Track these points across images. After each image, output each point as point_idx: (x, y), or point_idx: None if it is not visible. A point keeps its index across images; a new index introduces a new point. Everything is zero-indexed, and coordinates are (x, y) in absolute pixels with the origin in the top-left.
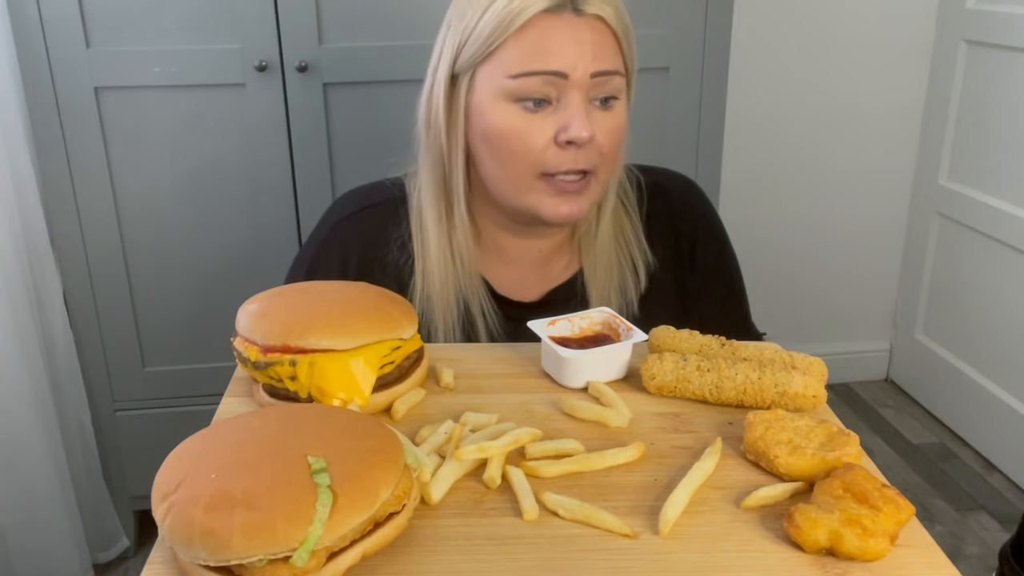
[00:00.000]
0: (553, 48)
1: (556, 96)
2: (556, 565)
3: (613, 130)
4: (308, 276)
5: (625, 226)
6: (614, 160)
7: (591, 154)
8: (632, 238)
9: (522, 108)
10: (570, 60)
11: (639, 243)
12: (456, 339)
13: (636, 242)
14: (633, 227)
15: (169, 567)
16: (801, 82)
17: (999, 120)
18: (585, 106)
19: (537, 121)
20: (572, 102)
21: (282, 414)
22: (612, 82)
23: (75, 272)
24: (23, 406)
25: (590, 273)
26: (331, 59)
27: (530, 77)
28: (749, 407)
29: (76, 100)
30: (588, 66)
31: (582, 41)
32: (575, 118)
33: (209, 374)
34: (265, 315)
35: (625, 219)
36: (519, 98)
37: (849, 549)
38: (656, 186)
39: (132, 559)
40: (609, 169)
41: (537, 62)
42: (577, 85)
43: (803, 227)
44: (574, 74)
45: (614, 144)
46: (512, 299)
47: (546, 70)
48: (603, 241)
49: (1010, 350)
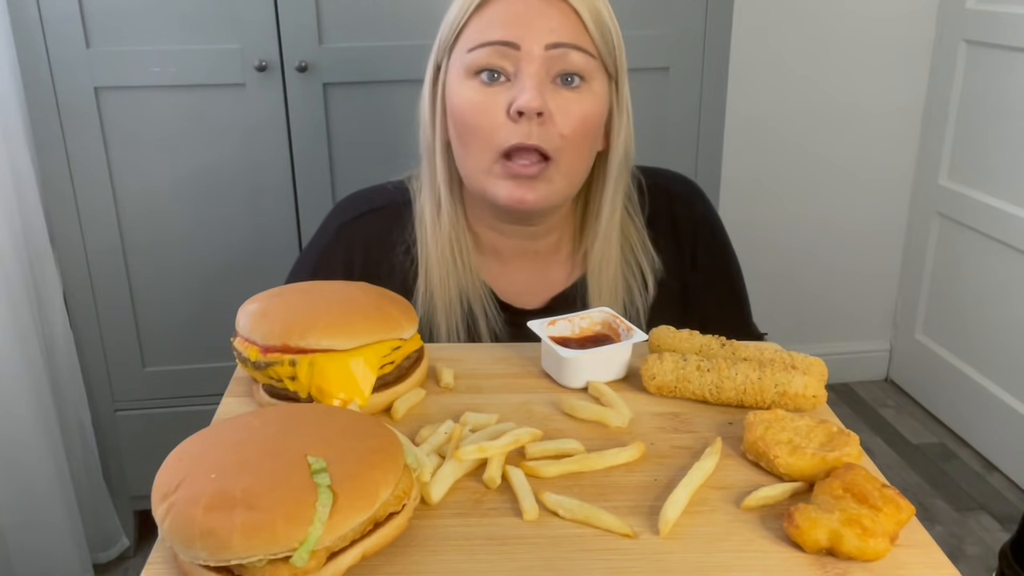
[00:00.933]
0: (507, 20)
1: (513, 71)
2: (556, 565)
3: (575, 113)
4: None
5: (632, 235)
6: (579, 148)
7: (548, 133)
8: (639, 247)
9: (479, 83)
10: (521, 30)
11: (646, 251)
12: (459, 336)
13: (643, 250)
14: (639, 234)
15: (169, 567)
16: (801, 82)
17: (999, 120)
18: (540, 80)
19: (492, 95)
20: (525, 73)
21: (282, 414)
22: (571, 57)
23: (75, 272)
24: (23, 406)
25: (594, 283)
26: (331, 59)
27: (483, 48)
28: (749, 407)
29: (76, 100)
30: (542, 37)
31: (538, 13)
32: (524, 89)
33: (209, 374)
34: (265, 315)
35: (631, 228)
36: (476, 71)
37: (849, 549)
38: (657, 188)
39: (132, 559)
40: (573, 158)
41: (491, 33)
42: (530, 57)
43: (803, 227)
44: (525, 44)
45: (576, 128)
46: (515, 306)
47: (496, 40)
48: (609, 252)
49: (1010, 350)
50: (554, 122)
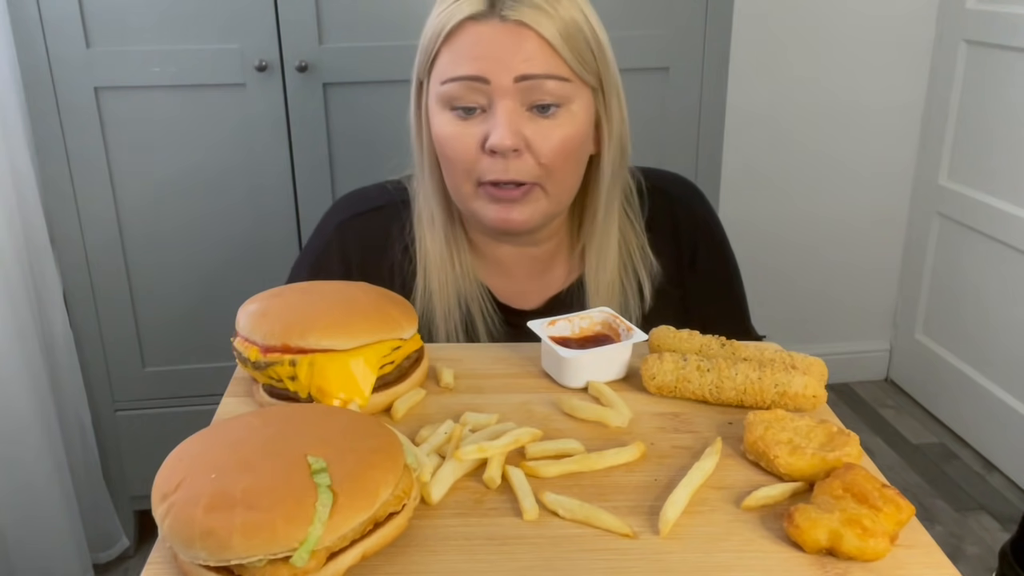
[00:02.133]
0: (476, 53)
1: (487, 103)
2: (556, 565)
3: (552, 139)
4: (310, 278)
5: (631, 240)
6: (561, 170)
7: (525, 165)
8: (637, 252)
9: (454, 115)
10: (489, 64)
11: (644, 256)
12: (457, 338)
13: (642, 255)
14: (638, 239)
15: (169, 567)
16: (801, 81)
17: (999, 120)
18: (512, 114)
19: (468, 128)
20: (498, 108)
21: (282, 414)
22: (545, 87)
23: (75, 272)
24: (23, 405)
25: (592, 285)
26: (331, 59)
27: (455, 83)
28: (749, 407)
29: (76, 100)
30: (511, 70)
31: (506, 44)
32: (496, 125)
33: (209, 374)
34: (265, 315)
35: (631, 232)
36: (451, 105)
37: (849, 549)
38: (657, 190)
39: (132, 559)
40: (558, 180)
41: (460, 67)
42: (502, 91)
43: (803, 227)
44: (495, 79)
45: (555, 154)
46: (513, 307)
47: (466, 75)
48: (607, 255)
49: (1010, 350)
50: (531, 151)
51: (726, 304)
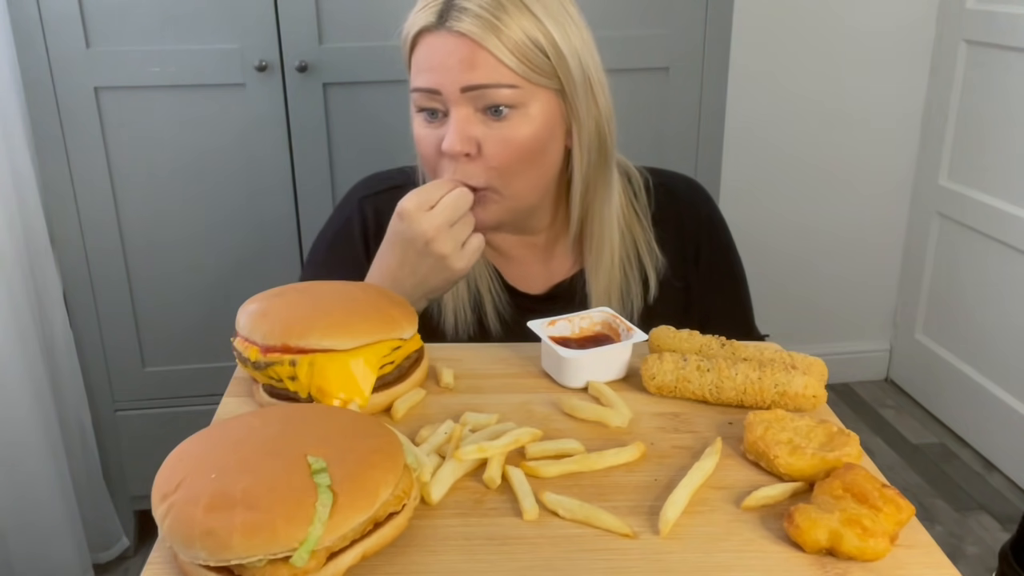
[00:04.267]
0: (429, 65)
1: (445, 109)
2: (556, 565)
3: (502, 141)
4: (331, 246)
5: (637, 233)
6: (516, 172)
7: (474, 169)
8: (643, 245)
9: (422, 118)
10: (439, 76)
11: (650, 250)
12: (467, 318)
13: (647, 248)
14: (644, 233)
15: (169, 567)
16: (801, 82)
17: (999, 120)
18: (464, 120)
19: (432, 130)
20: (451, 115)
21: (282, 414)
22: (491, 95)
23: (75, 272)
24: (23, 406)
25: (591, 273)
26: (331, 59)
27: (416, 93)
28: (749, 407)
29: (76, 100)
30: (457, 81)
31: (451, 56)
32: (449, 131)
33: (209, 374)
34: (265, 315)
35: (636, 225)
36: (419, 108)
37: (849, 549)
38: (663, 188)
39: (132, 559)
40: (513, 181)
41: (418, 79)
42: (453, 100)
43: (803, 227)
44: (444, 90)
45: (509, 157)
46: (519, 290)
47: (422, 87)
48: (604, 245)
49: (1010, 350)
50: (483, 155)
51: (729, 302)
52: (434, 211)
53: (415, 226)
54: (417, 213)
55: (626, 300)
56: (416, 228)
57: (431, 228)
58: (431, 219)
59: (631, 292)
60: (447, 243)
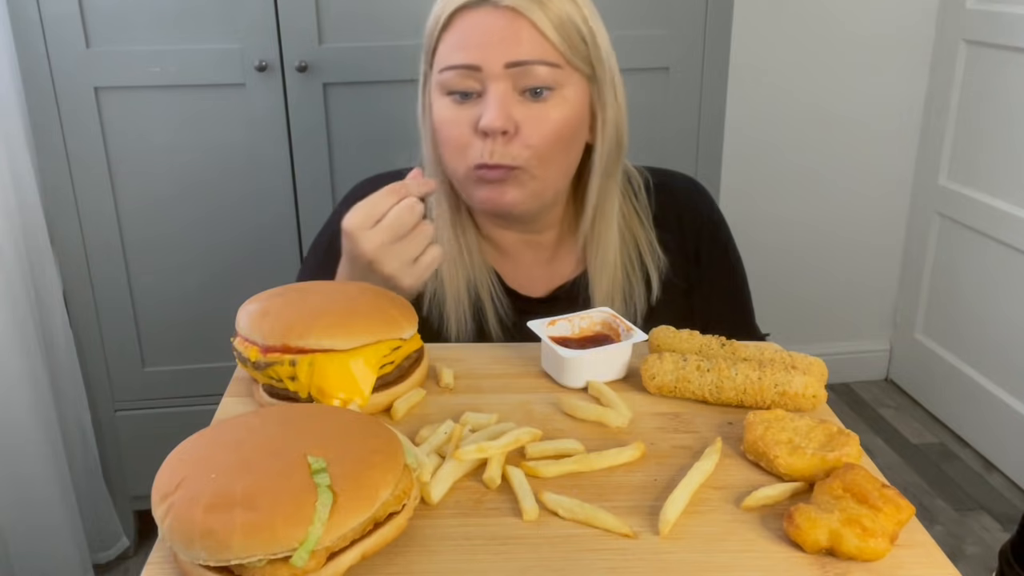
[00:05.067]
0: (468, 42)
1: (481, 88)
2: (556, 565)
3: (541, 122)
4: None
5: (638, 235)
6: (550, 156)
7: (513, 149)
8: (645, 245)
9: (451, 100)
10: (480, 52)
11: (652, 250)
12: (467, 323)
13: (649, 249)
14: (646, 233)
15: (169, 567)
16: (801, 81)
17: (999, 120)
18: (504, 97)
19: (463, 111)
20: (490, 92)
21: (282, 414)
22: (534, 72)
23: (75, 272)
24: (23, 406)
25: (594, 275)
26: (331, 59)
27: (450, 71)
28: (749, 407)
29: (76, 100)
30: (500, 56)
31: (495, 32)
32: (488, 108)
33: (209, 374)
34: (265, 315)
35: (637, 225)
36: (448, 91)
37: (849, 549)
38: (663, 187)
39: (132, 559)
40: (544, 165)
41: (454, 56)
42: (494, 76)
43: (803, 227)
44: (486, 66)
45: (545, 139)
46: (521, 293)
47: (459, 64)
48: (606, 245)
49: (1010, 350)
50: (520, 135)
51: (730, 301)
52: (377, 228)
53: (358, 246)
54: (359, 232)
55: (629, 302)
56: (358, 248)
57: (371, 248)
58: (372, 238)
59: (634, 294)
60: (391, 262)
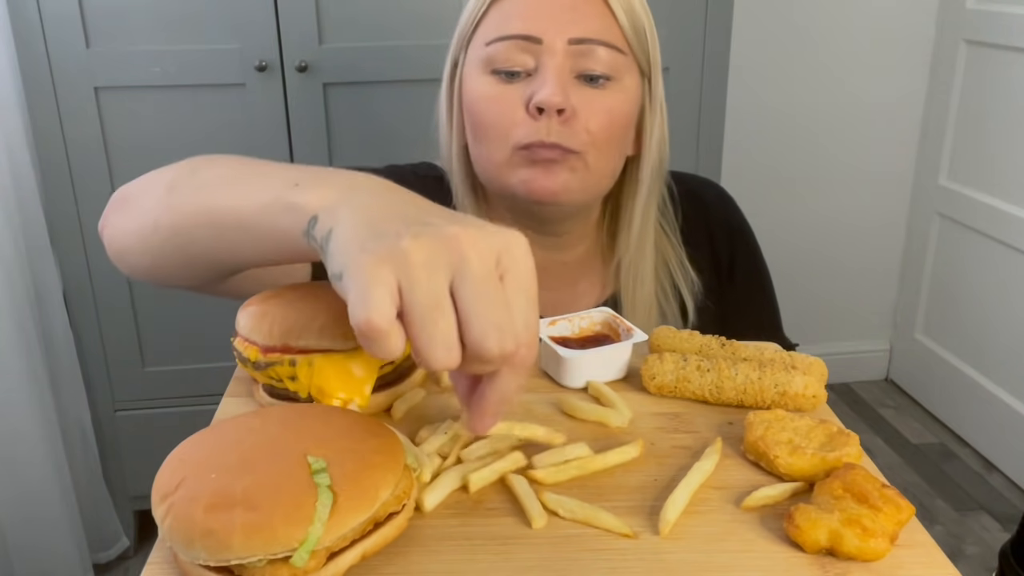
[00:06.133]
0: (529, 11)
1: (534, 65)
2: (556, 565)
3: (602, 109)
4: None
5: (668, 255)
6: (606, 148)
7: (571, 130)
8: (677, 267)
9: (497, 79)
10: (543, 23)
11: (685, 272)
12: None
13: (682, 271)
14: (676, 252)
15: (169, 567)
16: (801, 82)
17: (999, 120)
18: (562, 75)
19: (511, 90)
20: (546, 67)
21: (282, 414)
22: (597, 54)
23: (75, 272)
24: (23, 406)
25: (627, 300)
26: (331, 59)
27: (503, 42)
28: (749, 407)
29: (76, 100)
30: (566, 31)
31: (562, 5)
32: (545, 83)
33: (209, 374)
34: (265, 315)
35: (667, 245)
36: (494, 68)
37: (849, 549)
38: (690, 194)
39: (132, 559)
40: (599, 156)
41: (510, 26)
42: (553, 51)
43: (803, 227)
44: (548, 38)
45: (604, 125)
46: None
47: (516, 33)
48: (645, 272)
49: (1010, 350)
50: (578, 119)
51: (763, 314)
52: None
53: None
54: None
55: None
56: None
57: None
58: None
59: (667, 320)
60: None
